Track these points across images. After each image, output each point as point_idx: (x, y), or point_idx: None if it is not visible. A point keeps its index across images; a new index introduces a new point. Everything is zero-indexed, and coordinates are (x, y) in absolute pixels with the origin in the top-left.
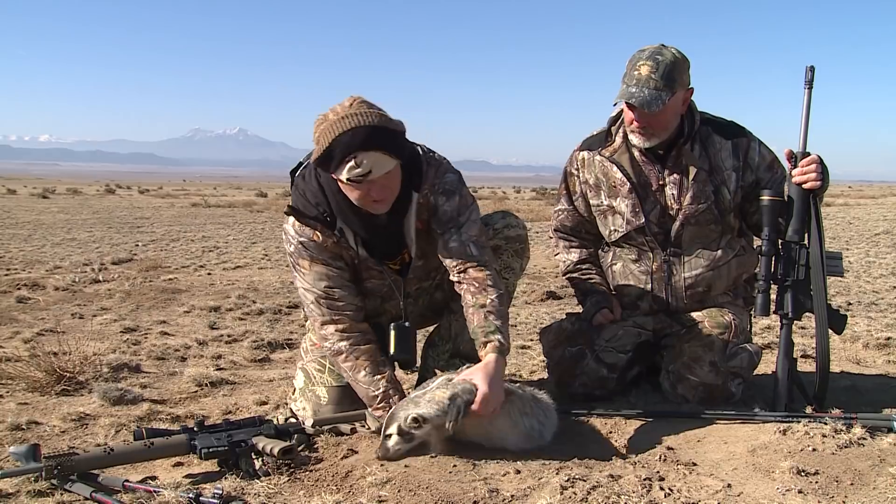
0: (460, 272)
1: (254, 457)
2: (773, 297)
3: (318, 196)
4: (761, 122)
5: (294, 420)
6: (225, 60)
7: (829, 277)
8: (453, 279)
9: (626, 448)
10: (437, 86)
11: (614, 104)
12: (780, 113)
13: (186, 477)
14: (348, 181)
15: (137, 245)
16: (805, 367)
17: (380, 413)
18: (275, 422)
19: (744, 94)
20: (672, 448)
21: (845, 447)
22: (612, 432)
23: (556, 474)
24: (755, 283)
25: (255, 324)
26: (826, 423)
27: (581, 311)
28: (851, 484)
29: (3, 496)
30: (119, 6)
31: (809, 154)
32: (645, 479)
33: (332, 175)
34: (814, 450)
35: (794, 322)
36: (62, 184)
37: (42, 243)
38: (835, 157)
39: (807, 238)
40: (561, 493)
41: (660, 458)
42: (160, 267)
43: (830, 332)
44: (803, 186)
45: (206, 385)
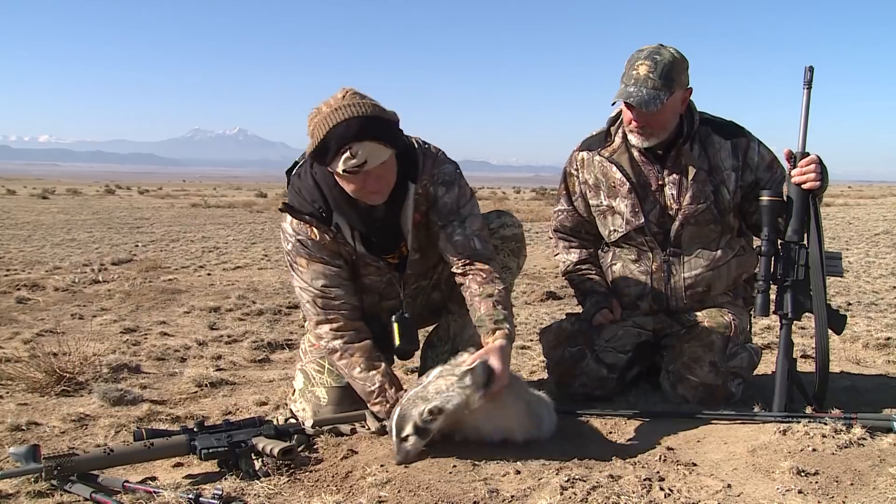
0: (465, 265)
1: (254, 457)
2: (773, 298)
3: (314, 193)
4: (761, 122)
5: (294, 421)
6: (225, 60)
7: (828, 277)
8: (456, 272)
9: (626, 448)
10: (437, 86)
11: (612, 104)
12: (780, 113)
13: (186, 477)
14: (344, 172)
15: (137, 245)
16: (805, 367)
17: (378, 408)
18: (275, 422)
19: (743, 94)
20: (672, 448)
21: (845, 447)
22: (612, 432)
23: (556, 474)
24: (755, 283)
25: (255, 324)
26: (826, 424)
27: (581, 311)
28: (851, 484)
29: (3, 497)
30: (119, 6)
31: (809, 154)
32: (645, 480)
33: (327, 168)
34: (814, 450)
35: (794, 322)
36: (62, 184)
37: (42, 244)
38: (834, 157)
39: (806, 238)
40: (561, 494)
41: (660, 458)
42: (160, 267)
43: (830, 332)
44: (803, 186)
45: (206, 386)
